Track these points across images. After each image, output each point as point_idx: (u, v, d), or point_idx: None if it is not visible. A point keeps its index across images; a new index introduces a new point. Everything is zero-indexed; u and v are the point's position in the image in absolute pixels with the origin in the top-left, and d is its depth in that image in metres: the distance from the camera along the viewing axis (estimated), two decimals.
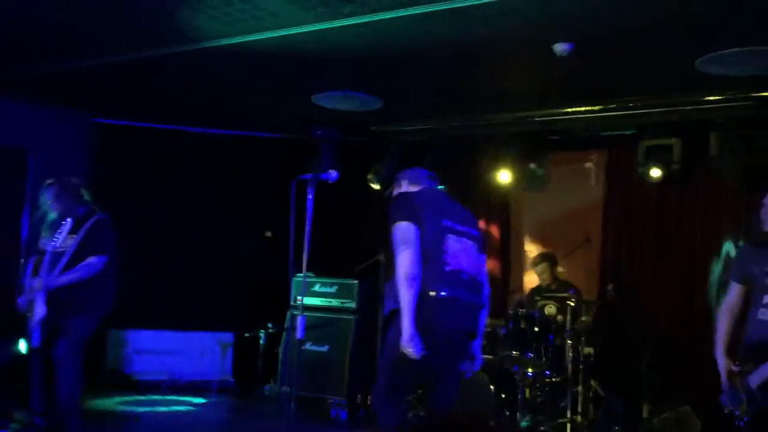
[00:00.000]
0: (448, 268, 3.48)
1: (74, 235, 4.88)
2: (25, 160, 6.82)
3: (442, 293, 3.44)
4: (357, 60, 5.44)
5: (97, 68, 5.87)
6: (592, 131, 6.84)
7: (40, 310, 4.67)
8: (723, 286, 5.46)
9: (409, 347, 3.33)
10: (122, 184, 7.56)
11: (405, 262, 3.39)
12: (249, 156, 8.12)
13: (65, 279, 4.78)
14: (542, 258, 6.71)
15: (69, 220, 4.92)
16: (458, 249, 3.55)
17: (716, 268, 6.05)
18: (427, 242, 3.46)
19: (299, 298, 3.73)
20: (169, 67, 5.89)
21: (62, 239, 4.88)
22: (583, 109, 6.40)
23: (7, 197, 6.39)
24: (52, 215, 4.94)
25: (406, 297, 3.36)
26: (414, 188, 3.77)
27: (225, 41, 5.12)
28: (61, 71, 5.96)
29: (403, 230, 3.45)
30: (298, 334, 3.95)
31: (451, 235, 3.55)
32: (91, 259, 4.85)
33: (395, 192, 3.85)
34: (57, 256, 4.83)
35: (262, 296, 7.68)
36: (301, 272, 3.86)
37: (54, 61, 5.78)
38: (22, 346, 6.33)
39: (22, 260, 5.05)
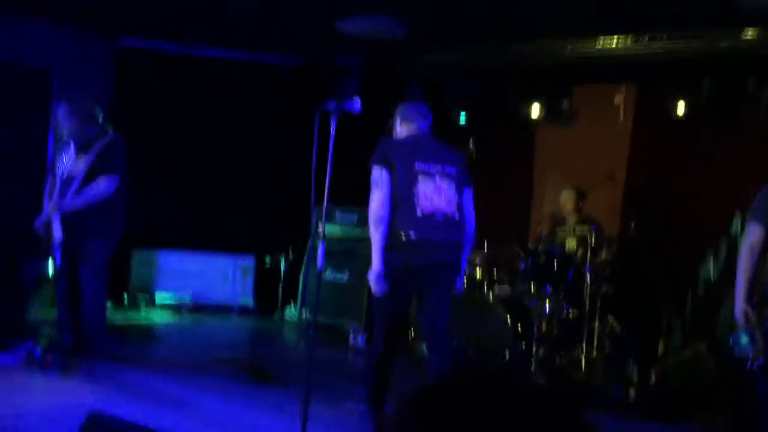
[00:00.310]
0: (419, 211, 3.70)
1: (84, 157, 4.90)
2: (49, 81, 6.81)
3: (412, 235, 3.66)
4: None
5: None
6: (623, 65, 6.66)
7: (56, 233, 4.75)
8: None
9: (373, 284, 3.68)
10: (145, 108, 7.55)
11: (374, 205, 3.68)
12: (274, 84, 8.05)
13: (77, 201, 4.83)
14: (570, 187, 6.63)
15: (72, 142, 4.94)
16: (431, 191, 3.75)
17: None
18: (399, 186, 3.70)
19: (320, 226, 3.74)
20: None
21: (72, 162, 4.92)
22: (615, 39, 6.22)
23: (33, 118, 6.43)
24: (63, 135, 4.97)
25: (374, 237, 3.66)
26: (404, 127, 4.03)
27: None
28: None
29: (375, 175, 3.72)
30: (319, 262, 3.99)
31: (423, 178, 3.75)
32: (102, 181, 4.88)
33: (393, 127, 4.09)
34: (69, 178, 4.88)
35: (284, 223, 7.75)
36: (322, 201, 3.87)
37: None
38: (51, 266, 6.50)
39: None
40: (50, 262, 6.37)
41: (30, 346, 5.06)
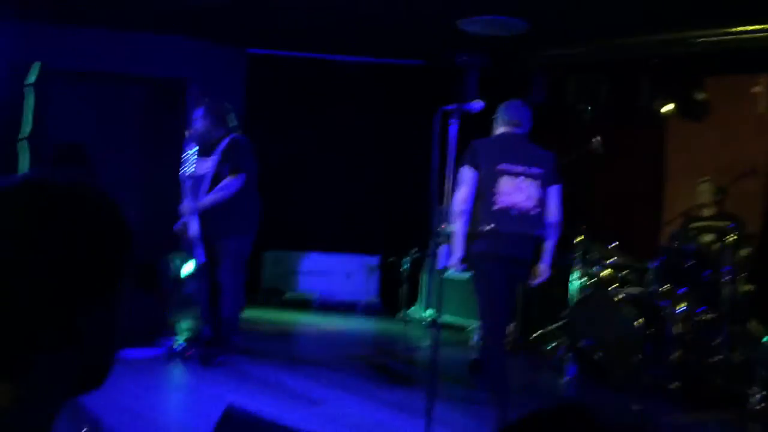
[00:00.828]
0: (496, 207, 4.08)
1: (211, 157, 5.11)
2: (185, 90, 7.20)
3: (489, 227, 4.05)
4: None
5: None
6: (762, 53, 6.24)
7: (194, 232, 5.01)
8: None
9: (452, 266, 4.15)
10: (274, 113, 7.84)
11: (456, 199, 4.06)
12: (395, 85, 8.14)
13: (208, 201, 5.06)
14: (709, 179, 6.25)
15: (199, 143, 5.14)
16: (511, 188, 4.12)
17: None
18: (482, 183, 4.09)
19: (443, 226, 3.78)
20: None
21: (200, 162, 5.14)
22: (751, 28, 5.84)
23: (169, 125, 6.83)
24: (192, 138, 5.19)
25: (455, 228, 4.10)
26: (499, 127, 4.33)
27: None
28: (215, 3, 6.18)
29: (461, 173, 4.11)
30: (441, 262, 4.01)
31: (505, 177, 4.12)
32: (230, 179, 5.08)
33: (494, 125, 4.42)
34: (198, 179, 5.11)
35: (408, 223, 7.82)
36: (443, 202, 3.89)
37: None
38: (190, 266, 6.88)
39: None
40: (189, 261, 6.77)
41: (172, 341, 5.40)
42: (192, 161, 5.21)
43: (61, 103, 6.81)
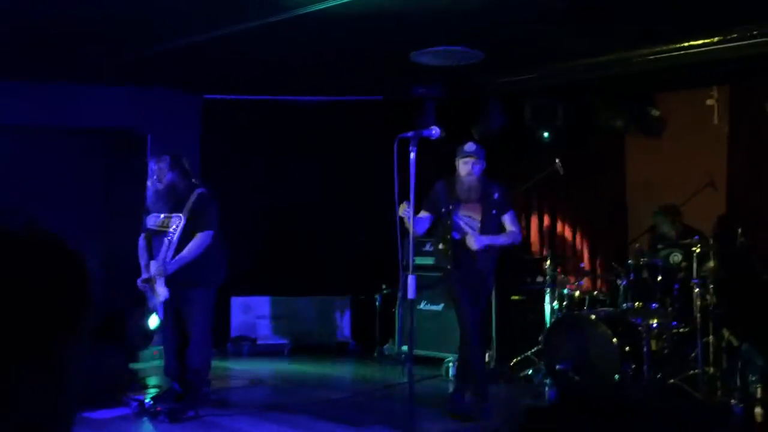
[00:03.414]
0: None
1: (179, 214, 5.01)
2: (142, 140, 7.11)
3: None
4: (454, 12, 5.29)
5: (203, 44, 6.01)
6: (712, 66, 6.37)
7: (162, 292, 4.89)
8: None
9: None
10: (232, 157, 7.77)
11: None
12: (354, 122, 8.14)
13: (180, 261, 4.95)
14: (660, 211, 6.37)
15: (164, 198, 5.04)
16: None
17: None
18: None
19: (409, 258, 3.72)
20: (266, 38, 5.94)
21: (166, 219, 5.04)
22: (699, 42, 5.96)
23: (126, 177, 6.72)
24: (159, 186, 5.09)
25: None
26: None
27: (318, 6, 5.09)
28: (172, 49, 6.15)
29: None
30: (410, 293, 3.94)
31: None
32: (200, 236, 4.99)
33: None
34: (164, 236, 5.01)
35: (376, 259, 7.75)
36: (409, 232, 3.84)
37: (167, 40, 5.96)
38: (153, 320, 6.71)
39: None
40: (154, 316, 6.60)
41: (141, 397, 5.22)
42: (158, 216, 5.09)
43: (14, 158, 6.69)
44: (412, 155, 3.63)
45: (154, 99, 7.43)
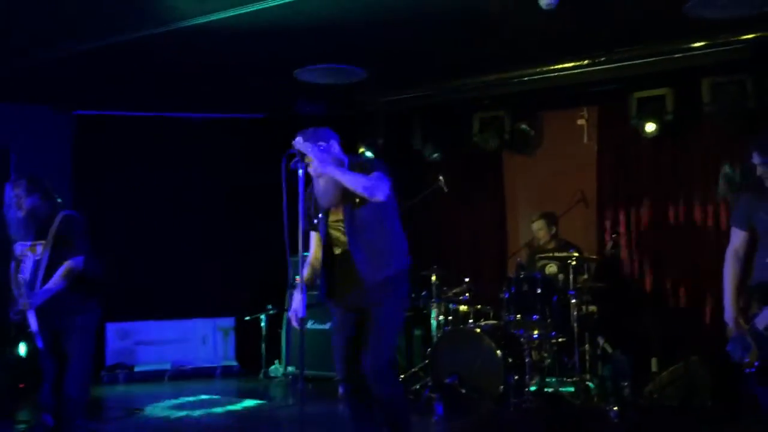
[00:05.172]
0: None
1: (44, 241, 4.70)
2: (7, 159, 6.70)
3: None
4: (338, 30, 5.32)
5: (73, 58, 5.73)
6: (582, 87, 6.73)
7: (32, 325, 4.58)
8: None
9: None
10: (107, 176, 7.44)
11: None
12: (238, 139, 8.00)
13: (49, 292, 4.63)
14: (540, 215, 6.66)
15: (26, 225, 4.73)
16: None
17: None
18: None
19: (297, 277, 3.65)
20: (144, 52, 5.76)
21: (31, 246, 4.73)
22: (571, 65, 6.29)
23: None
24: (19, 214, 4.76)
25: None
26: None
27: (200, 20, 4.98)
28: (38, 64, 5.82)
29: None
30: (301, 311, 3.88)
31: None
32: (68, 263, 4.70)
33: None
34: (34, 265, 4.69)
35: (261, 279, 7.61)
36: (297, 251, 3.77)
37: (30, 54, 5.64)
38: (22, 349, 6.28)
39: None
40: (22, 345, 6.18)
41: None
42: (24, 244, 4.75)
43: None
44: (300, 172, 3.58)
45: (19, 115, 7.00)
